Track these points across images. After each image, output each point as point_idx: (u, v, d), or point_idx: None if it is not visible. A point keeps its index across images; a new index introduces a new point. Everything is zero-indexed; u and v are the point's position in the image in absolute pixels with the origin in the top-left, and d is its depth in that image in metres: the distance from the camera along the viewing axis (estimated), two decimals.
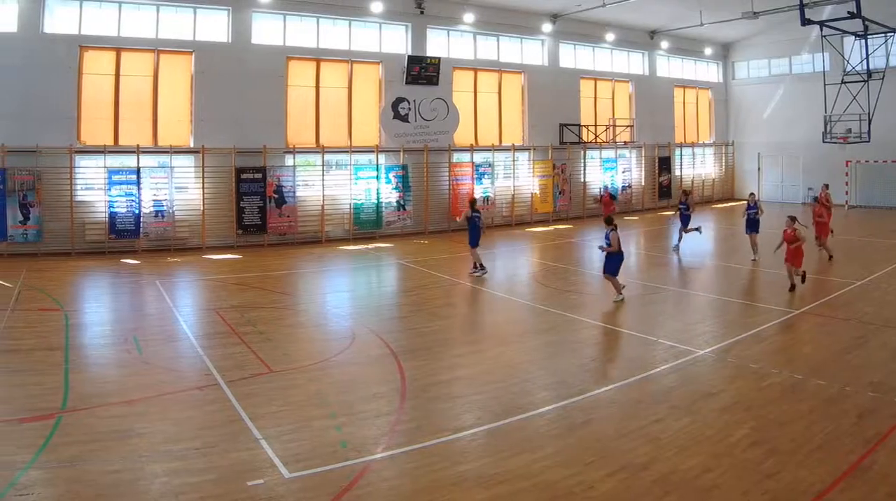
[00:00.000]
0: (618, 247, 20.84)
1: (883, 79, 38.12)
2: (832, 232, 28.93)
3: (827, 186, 31.06)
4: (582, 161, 45.20)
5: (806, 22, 34.10)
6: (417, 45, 38.67)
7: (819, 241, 27.78)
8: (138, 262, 28.93)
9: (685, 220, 31.49)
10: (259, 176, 33.63)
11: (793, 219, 22.66)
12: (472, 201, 27.59)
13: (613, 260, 20.98)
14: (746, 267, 26.13)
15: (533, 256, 32.37)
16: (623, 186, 47.15)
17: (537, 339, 17.36)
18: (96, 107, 31.41)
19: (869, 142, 39.97)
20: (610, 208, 38.42)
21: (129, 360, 15.34)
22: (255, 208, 33.51)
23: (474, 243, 25.88)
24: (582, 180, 45.18)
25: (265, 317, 19.23)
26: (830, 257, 27.21)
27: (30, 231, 29.37)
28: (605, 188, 42.01)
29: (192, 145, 32.90)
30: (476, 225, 25.99)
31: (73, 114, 30.61)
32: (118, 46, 31.62)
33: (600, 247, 21.74)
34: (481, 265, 25.53)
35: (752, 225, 28.13)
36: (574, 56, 45.50)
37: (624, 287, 20.92)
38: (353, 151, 36.60)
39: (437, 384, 13.92)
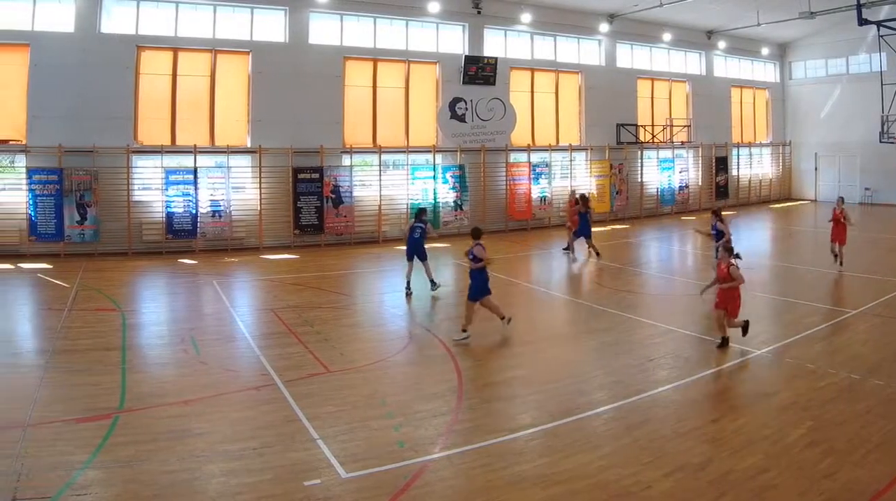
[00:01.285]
0: (484, 264, 16.77)
1: None
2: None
3: (842, 200, 25.60)
4: (639, 161, 42.91)
5: (863, 22, 32.73)
6: (474, 45, 36.71)
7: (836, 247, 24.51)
8: (195, 262, 27.72)
9: (584, 228, 27.97)
10: (316, 176, 32.03)
11: (842, 199, 25.33)
12: (583, 198, 28.86)
13: (477, 281, 16.72)
14: (804, 268, 24.74)
15: (589, 256, 29.76)
16: (680, 186, 44.75)
17: (594, 339, 16.56)
18: (153, 107, 29.97)
19: None
20: (575, 215, 29.48)
21: (186, 360, 14.80)
22: (312, 208, 31.91)
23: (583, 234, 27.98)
24: (639, 180, 42.92)
25: (322, 317, 18.38)
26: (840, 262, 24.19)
27: (87, 231, 28.01)
28: (573, 193, 31.91)
29: (249, 145, 31.36)
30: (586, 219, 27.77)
31: (129, 115, 29.21)
32: (175, 46, 30.15)
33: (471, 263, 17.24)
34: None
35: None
36: (631, 56, 43.17)
37: (509, 319, 17.02)
38: (410, 151, 34.91)
39: (494, 384, 13.55)
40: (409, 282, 21.84)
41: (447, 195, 35.32)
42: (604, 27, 40.60)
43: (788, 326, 17.56)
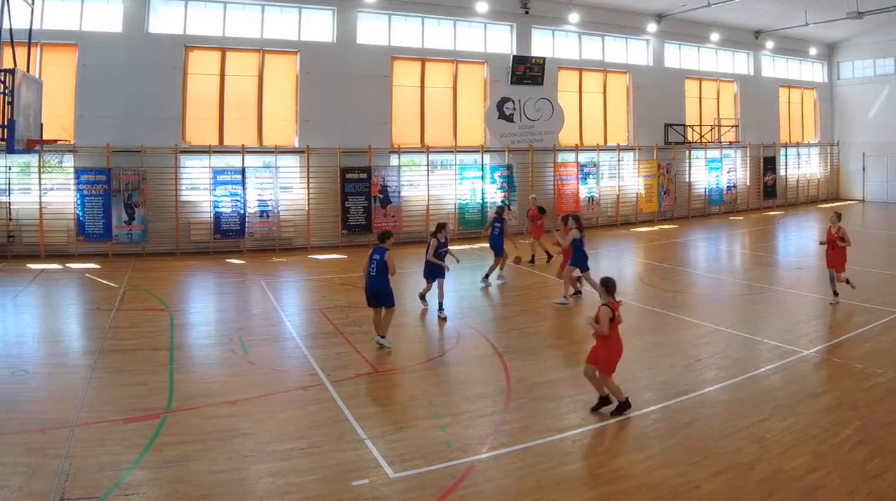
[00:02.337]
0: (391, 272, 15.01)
1: None
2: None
3: (838, 216, 18.92)
4: (687, 161, 40.64)
5: None
6: (522, 45, 34.78)
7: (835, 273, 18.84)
8: (243, 262, 26.49)
9: (496, 244, 22.79)
10: (364, 176, 30.43)
11: (838, 215, 18.74)
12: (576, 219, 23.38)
13: (379, 288, 15.02)
14: (851, 268, 22.18)
15: (638, 256, 29.24)
16: (728, 186, 42.38)
17: (642, 339, 15.53)
18: (201, 107, 28.61)
19: None
20: (538, 225, 26.32)
21: (234, 360, 14.32)
22: (360, 208, 30.33)
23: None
24: (687, 180, 40.67)
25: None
26: (848, 282, 18.62)
27: (135, 231, 26.71)
28: (534, 199, 28.22)
29: (296, 145, 29.84)
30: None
31: (177, 115, 27.89)
32: (223, 46, 28.74)
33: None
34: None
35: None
36: (679, 56, 40.85)
37: (385, 346, 15.03)
38: (458, 151, 33.13)
39: (542, 384, 12.88)
40: (502, 272, 22.69)
41: (495, 195, 33.51)
42: (652, 27, 38.46)
43: (836, 326, 17.03)
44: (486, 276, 22.13)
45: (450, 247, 18.69)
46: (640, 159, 38.49)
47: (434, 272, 18.18)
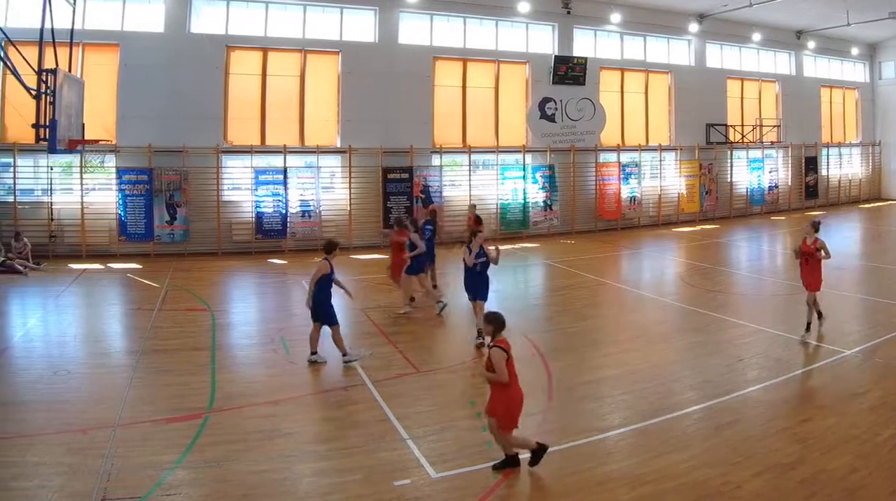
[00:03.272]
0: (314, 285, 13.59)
1: None
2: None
3: (815, 226, 15.02)
4: (728, 161, 38.34)
5: None
6: (564, 45, 32.84)
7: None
8: (285, 262, 25.22)
9: (428, 251, 18.70)
10: (406, 176, 28.87)
11: (815, 225, 15.01)
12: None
13: (322, 301, 13.61)
14: (894, 268, 21.64)
15: (679, 256, 27.71)
16: (770, 186, 39.97)
17: (684, 339, 15.13)
18: (243, 107, 27.20)
19: None
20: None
21: (275, 360, 13.75)
22: (401, 208, 28.55)
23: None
24: (729, 180, 38.39)
25: (412, 317, 16.96)
26: (819, 315, 14.99)
27: (176, 231, 25.39)
28: (474, 207, 24.25)
29: (338, 145, 28.32)
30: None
31: (219, 115, 26.52)
32: (265, 46, 27.29)
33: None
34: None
35: None
36: (721, 56, 38.53)
37: (317, 356, 13.73)
38: (500, 151, 31.36)
39: (584, 384, 12.38)
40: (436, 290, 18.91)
41: (537, 195, 31.72)
42: (693, 27, 36.22)
43: (878, 326, 15.90)
44: (434, 286, 19.06)
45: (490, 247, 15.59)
46: (682, 159, 36.36)
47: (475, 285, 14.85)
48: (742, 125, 38.59)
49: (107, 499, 8.08)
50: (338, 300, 19.56)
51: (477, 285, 14.65)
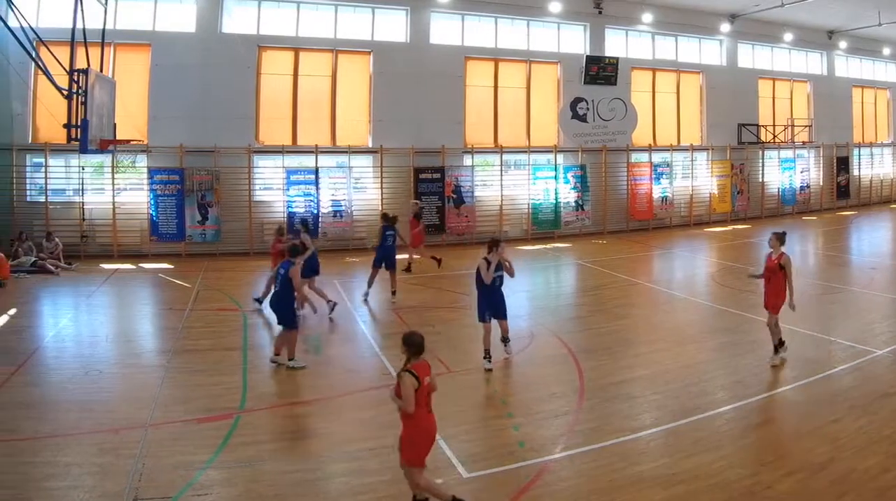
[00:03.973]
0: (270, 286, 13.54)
1: None
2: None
3: (779, 237, 12.63)
4: (760, 161, 36.42)
5: None
6: (596, 45, 31.24)
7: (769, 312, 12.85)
8: None
9: (387, 254, 17.85)
10: (437, 176, 27.52)
11: (780, 237, 12.59)
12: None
13: (283, 304, 12.84)
14: None
15: (711, 256, 26.41)
16: (801, 186, 37.99)
17: (715, 339, 14.47)
18: (274, 107, 25.99)
19: None
20: (417, 231, 22.38)
21: (307, 361, 12.90)
22: (433, 208, 27.33)
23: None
24: (760, 180, 36.48)
25: (443, 318, 16.35)
26: (779, 344, 12.61)
27: (208, 231, 24.26)
28: (416, 204, 23.80)
29: (370, 145, 27.01)
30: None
31: (251, 115, 25.35)
32: (296, 46, 26.05)
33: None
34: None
35: None
36: (752, 56, 36.65)
37: (281, 364, 12.88)
38: (532, 151, 29.83)
39: (616, 384, 11.85)
40: (369, 289, 18.12)
41: (568, 195, 30.18)
42: (725, 27, 34.39)
43: None
44: (394, 293, 18.01)
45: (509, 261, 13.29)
46: (714, 159, 34.53)
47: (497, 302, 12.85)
48: (773, 125, 36.68)
49: (138, 499, 7.78)
50: (370, 300, 18.62)
51: (499, 302, 12.71)
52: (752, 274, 13.63)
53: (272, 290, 14.08)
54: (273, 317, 13.80)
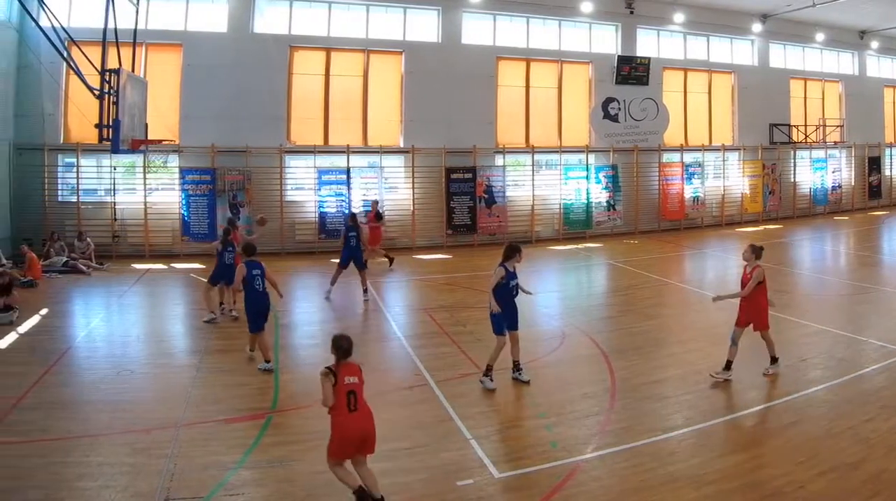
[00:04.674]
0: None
1: None
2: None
3: (754, 252, 11.63)
4: (792, 161, 34.50)
5: None
6: (627, 45, 29.61)
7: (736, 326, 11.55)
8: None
9: (354, 255, 17.28)
10: (469, 176, 26.00)
11: (755, 250, 11.55)
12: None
13: (257, 308, 12.06)
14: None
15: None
16: (833, 186, 36.03)
17: (747, 339, 12.39)
18: (306, 107, 24.62)
19: None
20: (377, 235, 21.48)
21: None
22: (465, 208, 25.91)
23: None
24: (792, 180, 34.57)
25: (475, 317, 15.15)
26: (727, 365, 11.22)
27: (240, 231, 23.29)
28: (375, 203, 22.76)
29: (401, 145, 25.62)
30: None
31: (282, 115, 24.06)
32: (328, 46, 24.70)
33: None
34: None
35: None
36: (784, 56, 34.69)
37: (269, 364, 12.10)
38: (563, 151, 28.25)
39: (647, 384, 11.20)
40: (332, 288, 17.44)
41: (600, 195, 28.59)
42: (756, 27, 32.56)
43: None
44: (365, 291, 17.30)
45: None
46: (745, 159, 32.67)
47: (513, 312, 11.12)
48: (805, 125, 34.70)
49: (170, 499, 7.46)
50: (402, 300, 18.19)
51: (515, 312, 11.01)
52: (716, 296, 12.06)
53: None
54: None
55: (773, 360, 11.41)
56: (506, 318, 10.85)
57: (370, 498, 7.19)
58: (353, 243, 17.20)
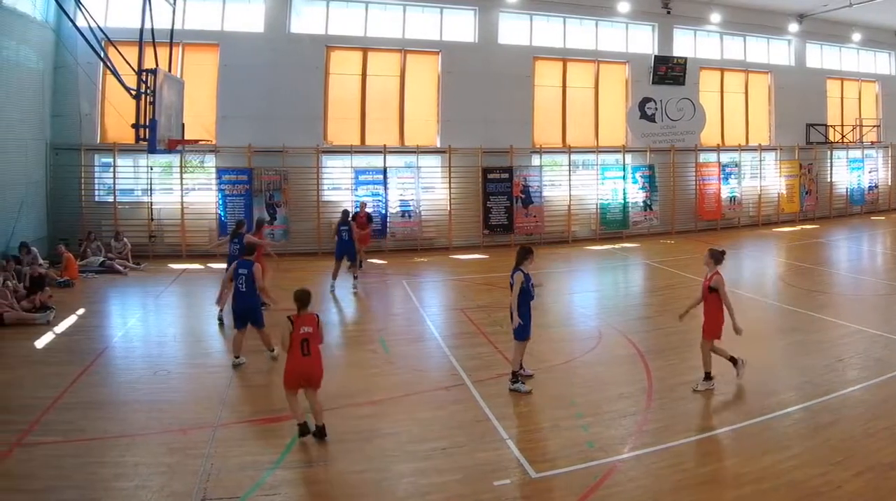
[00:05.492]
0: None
1: None
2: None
3: (713, 257, 10.42)
4: (828, 161, 32.29)
5: None
6: (664, 45, 27.72)
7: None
8: (384, 262, 21.40)
9: (346, 249, 17.19)
10: (506, 176, 24.37)
11: (715, 255, 10.35)
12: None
13: (234, 306, 11.59)
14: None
15: (779, 256, 23.64)
16: (870, 186, 33.76)
17: (784, 339, 12.93)
18: (342, 107, 23.17)
19: None
20: (366, 233, 19.35)
21: (375, 360, 11.85)
22: (501, 208, 24.29)
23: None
24: (828, 180, 32.40)
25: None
26: (707, 376, 10.24)
27: (276, 230, 21.47)
28: (362, 205, 20.49)
29: (438, 145, 24.04)
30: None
31: (319, 115, 22.63)
32: (364, 46, 23.20)
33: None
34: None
35: None
36: (821, 56, 32.50)
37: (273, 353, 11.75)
38: (600, 151, 26.48)
39: (684, 384, 10.31)
40: (335, 281, 17.17)
41: (636, 195, 26.81)
42: (793, 27, 30.41)
43: None
44: (355, 277, 17.59)
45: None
46: (782, 159, 30.55)
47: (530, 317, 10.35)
48: (842, 125, 32.47)
49: (207, 499, 7.10)
50: (438, 300, 17.27)
51: (530, 317, 10.23)
52: (682, 313, 10.79)
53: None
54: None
55: (707, 376, 10.14)
56: (529, 322, 10.22)
57: (308, 431, 8.31)
58: (345, 237, 17.01)
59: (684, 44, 28.74)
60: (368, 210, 20.44)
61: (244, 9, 21.97)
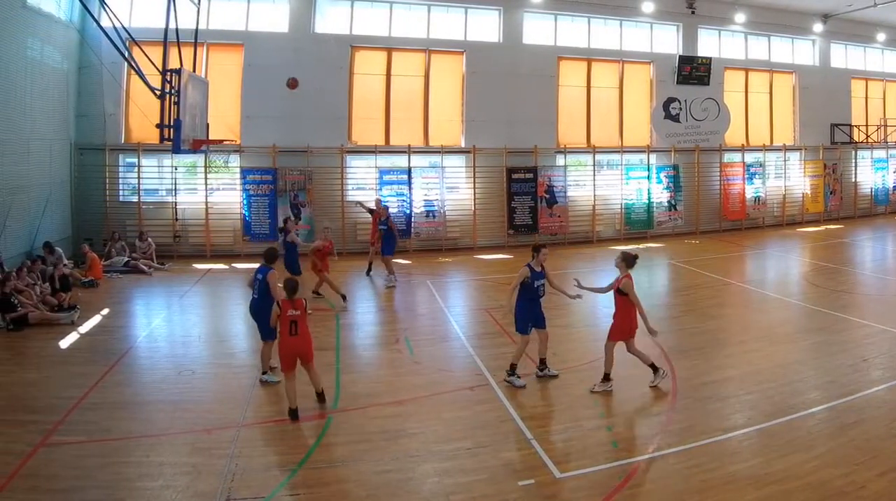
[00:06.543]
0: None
1: None
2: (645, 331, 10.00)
3: (625, 260, 9.80)
4: (853, 161, 30.13)
5: None
6: (688, 45, 25.82)
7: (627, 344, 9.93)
8: (409, 262, 19.99)
9: (385, 241, 16.92)
10: (530, 176, 22.70)
11: (627, 258, 9.77)
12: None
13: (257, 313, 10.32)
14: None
15: (804, 256, 22.16)
16: (894, 186, 31.41)
17: (808, 339, 12.04)
18: (367, 107, 21.61)
19: None
20: (325, 255, 15.39)
21: (399, 360, 11.17)
22: (526, 208, 22.66)
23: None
24: (853, 180, 30.28)
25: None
26: (605, 377, 9.74)
27: (301, 230, 19.61)
28: (378, 201, 19.03)
29: (462, 145, 22.39)
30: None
31: (343, 115, 21.10)
32: (389, 46, 21.63)
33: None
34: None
35: None
36: (845, 56, 30.31)
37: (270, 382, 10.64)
38: (624, 151, 24.71)
39: (708, 384, 9.83)
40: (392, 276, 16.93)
41: (661, 195, 25.01)
42: (818, 27, 28.32)
43: None
44: (369, 272, 17.95)
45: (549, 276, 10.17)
46: (806, 159, 28.44)
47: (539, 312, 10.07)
48: (867, 125, 30.24)
49: (232, 499, 6.70)
50: (463, 300, 16.36)
51: (541, 311, 10.06)
52: (581, 285, 10.23)
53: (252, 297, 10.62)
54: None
55: (605, 377, 9.60)
56: (531, 317, 9.87)
57: (297, 417, 8.49)
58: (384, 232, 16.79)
59: (709, 44, 26.77)
60: (371, 206, 18.70)
61: (269, 9, 20.53)
